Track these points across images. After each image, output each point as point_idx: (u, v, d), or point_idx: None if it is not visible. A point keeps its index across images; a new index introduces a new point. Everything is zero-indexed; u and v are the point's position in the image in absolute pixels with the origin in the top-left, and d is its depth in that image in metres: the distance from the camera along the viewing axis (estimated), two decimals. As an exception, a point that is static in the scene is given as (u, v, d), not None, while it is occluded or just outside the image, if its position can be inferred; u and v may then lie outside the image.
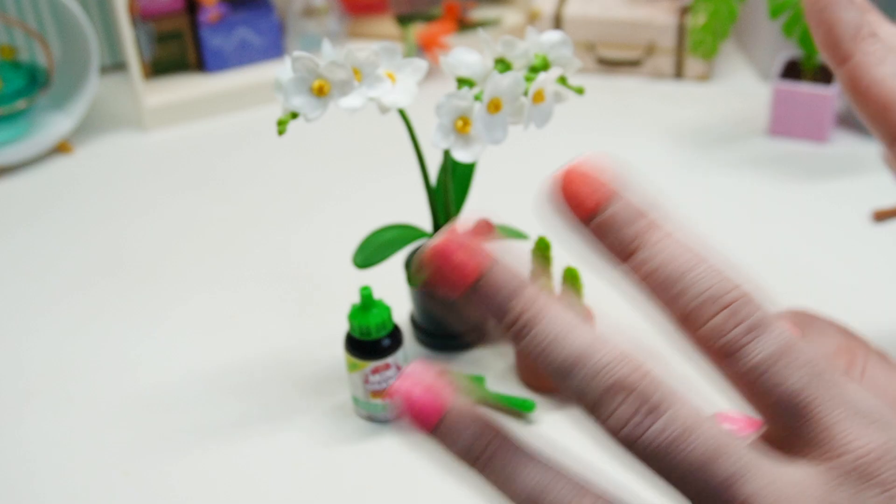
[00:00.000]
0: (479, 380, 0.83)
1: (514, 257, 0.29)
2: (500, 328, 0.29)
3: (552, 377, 0.28)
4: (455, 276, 0.29)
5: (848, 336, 0.38)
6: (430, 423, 0.30)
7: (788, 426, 0.28)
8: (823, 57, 0.36)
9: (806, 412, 0.28)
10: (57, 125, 1.18)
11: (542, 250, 0.81)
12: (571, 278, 0.79)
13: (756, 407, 0.29)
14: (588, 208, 0.29)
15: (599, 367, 0.28)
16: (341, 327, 0.80)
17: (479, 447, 0.29)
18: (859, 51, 0.36)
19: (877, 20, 0.38)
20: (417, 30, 1.26)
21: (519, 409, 0.80)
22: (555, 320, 0.28)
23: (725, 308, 0.28)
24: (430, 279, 0.29)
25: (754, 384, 0.28)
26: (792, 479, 0.28)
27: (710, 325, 0.28)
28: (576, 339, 0.28)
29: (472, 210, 0.88)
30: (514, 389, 0.83)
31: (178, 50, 1.25)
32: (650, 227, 0.29)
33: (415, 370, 0.30)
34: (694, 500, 0.28)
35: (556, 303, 0.29)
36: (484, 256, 0.29)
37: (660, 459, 0.27)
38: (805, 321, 0.38)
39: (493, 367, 0.85)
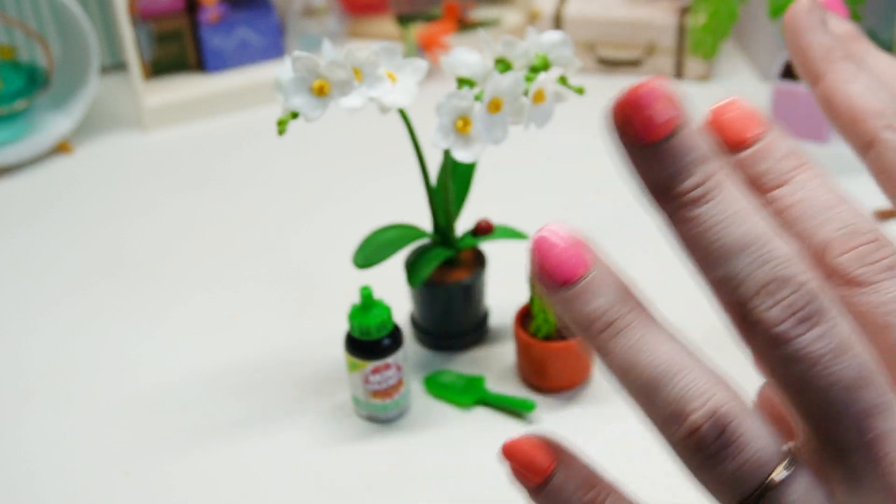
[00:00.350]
0: (479, 380, 0.83)
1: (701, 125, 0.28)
2: (672, 193, 0.27)
3: (713, 256, 0.27)
4: (646, 125, 0.28)
5: None
6: (571, 278, 0.28)
7: None
8: (802, 80, 0.37)
9: None
10: (57, 125, 1.18)
11: None
12: None
13: (878, 348, 0.28)
14: (746, 139, 0.30)
15: (772, 257, 0.26)
16: (341, 327, 0.80)
17: (618, 312, 0.28)
18: (830, 70, 0.36)
19: (865, 48, 0.38)
20: (417, 30, 1.26)
21: (519, 409, 0.80)
22: (739, 197, 0.27)
23: (867, 244, 0.28)
24: (618, 122, 0.28)
25: (881, 321, 0.27)
26: None
27: (849, 255, 0.27)
28: (756, 223, 0.27)
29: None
30: (514, 389, 0.83)
31: (178, 50, 1.25)
32: (802, 165, 0.29)
33: (559, 226, 0.29)
34: (818, 421, 0.27)
35: (741, 181, 0.28)
36: (682, 112, 0.28)
37: (803, 370, 0.26)
38: None
39: (493, 367, 0.85)
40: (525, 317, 0.82)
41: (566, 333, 0.81)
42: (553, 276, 0.28)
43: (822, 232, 0.28)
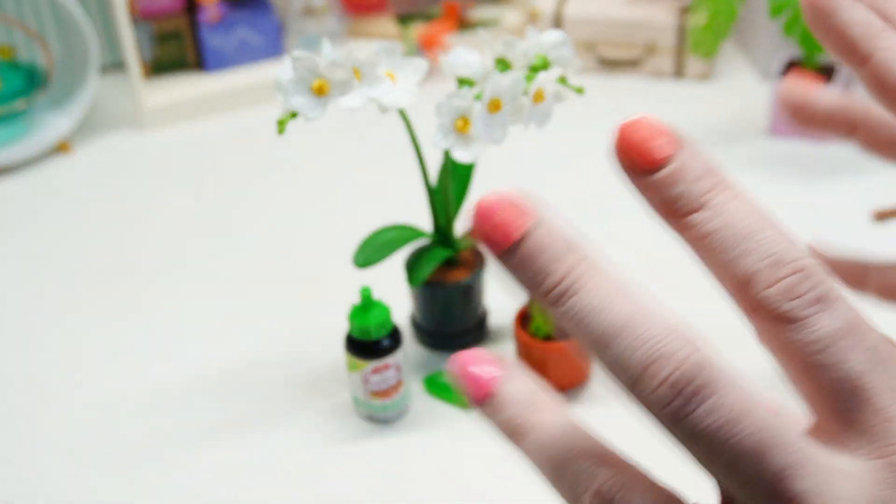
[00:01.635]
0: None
1: (560, 221, 0.28)
2: (538, 295, 0.27)
3: (590, 349, 0.27)
4: (497, 235, 0.27)
5: None
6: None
7: (842, 412, 0.27)
8: (842, 62, 0.36)
9: (863, 399, 0.26)
10: (56, 125, 1.18)
11: None
12: None
13: (807, 387, 0.27)
14: (655, 160, 0.28)
15: (643, 340, 0.26)
16: (341, 327, 0.80)
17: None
18: (877, 48, 0.35)
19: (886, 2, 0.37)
20: (417, 29, 1.26)
21: None
22: (599, 287, 0.27)
23: (792, 274, 0.26)
24: (473, 234, 0.27)
25: (812, 360, 0.26)
26: (845, 474, 0.26)
27: (774, 289, 0.26)
28: (620, 309, 0.26)
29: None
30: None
31: (178, 50, 1.25)
32: (718, 185, 0.27)
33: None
34: (738, 489, 0.26)
35: (602, 269, 0.27)
36: (529, 216, 0.28)
37: (704, 444, 0.26)
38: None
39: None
40: (525, 317, 0.82)
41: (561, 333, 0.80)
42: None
43: (744, 263, 0.27)
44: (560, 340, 0.80)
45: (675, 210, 0.28)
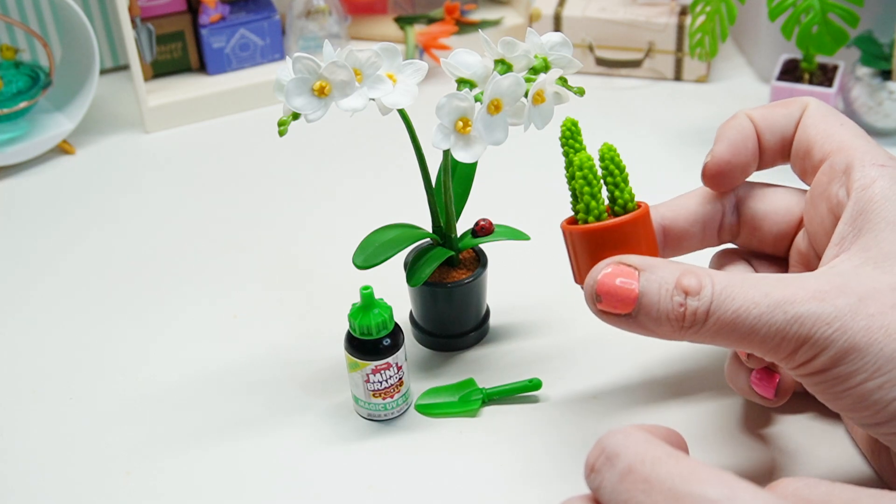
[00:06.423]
0: (469, 382, 0.83)
1: None
2: None
3: None
4: None
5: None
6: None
7: None
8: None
9: None
10: (58, 126, 1.18)
11: (571, 133, 0.70)
12: (610, 153, 0.67)
13: None
14: None
15: None
16: (341, 327, 0.80)
17: None
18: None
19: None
20: (418, 31, 1.26)
21: (526, 391, 0.81)
22: None
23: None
24: None
25: None
26: None
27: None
28: None
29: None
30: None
31: (179, 51, 1.26)
32: None
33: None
34: None
35: None
36: None
37: None
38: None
39: (493, 367, 0.86)
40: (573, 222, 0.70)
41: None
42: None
43: None
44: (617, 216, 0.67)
45: None
